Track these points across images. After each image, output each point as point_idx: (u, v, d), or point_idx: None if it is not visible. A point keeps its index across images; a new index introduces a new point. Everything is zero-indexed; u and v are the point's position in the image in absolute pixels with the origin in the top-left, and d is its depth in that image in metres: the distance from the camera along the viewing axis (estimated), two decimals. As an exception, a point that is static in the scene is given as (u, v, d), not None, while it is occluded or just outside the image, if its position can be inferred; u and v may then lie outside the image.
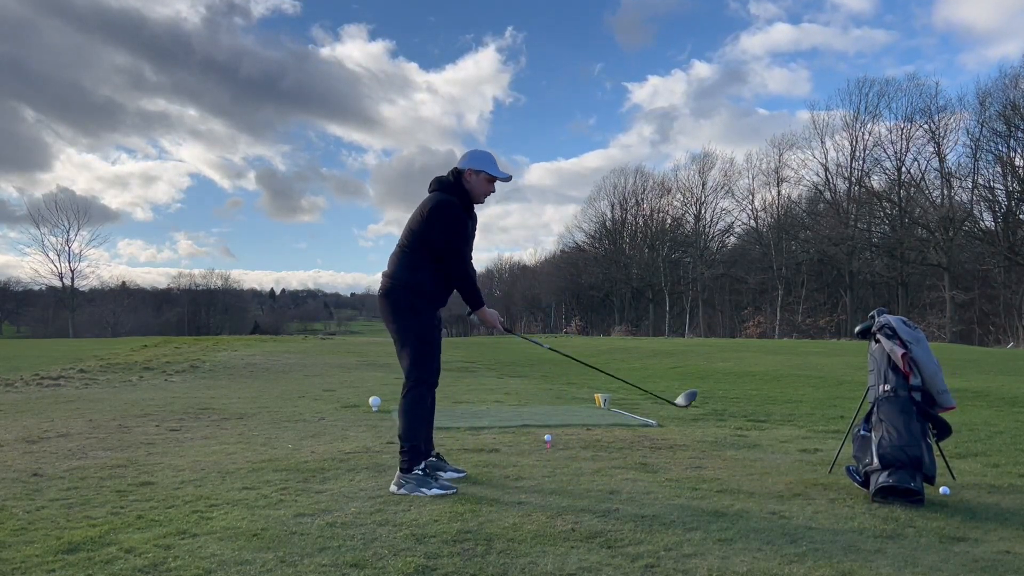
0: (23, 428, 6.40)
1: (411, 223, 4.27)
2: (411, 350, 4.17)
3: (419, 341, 4.19)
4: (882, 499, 3.82)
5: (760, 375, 13.08)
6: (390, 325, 4.25)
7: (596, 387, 10.66)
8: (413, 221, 4.26)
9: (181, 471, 4.55)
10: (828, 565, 2.82)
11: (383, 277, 4.33)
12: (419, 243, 4.21)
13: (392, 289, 4.23)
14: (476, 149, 4.40)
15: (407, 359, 4.17)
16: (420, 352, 4.17)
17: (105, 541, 3.06)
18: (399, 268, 4.24)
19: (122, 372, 13.02)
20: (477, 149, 4.40)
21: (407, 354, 4.18)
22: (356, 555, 2.90)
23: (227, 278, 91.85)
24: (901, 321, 4.41)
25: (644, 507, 3.68)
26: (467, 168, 4.29)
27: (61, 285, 61.77)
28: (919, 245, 44.70)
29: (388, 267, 4.32)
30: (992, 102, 41.34)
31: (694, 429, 6.55)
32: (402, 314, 4.19)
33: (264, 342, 26.23)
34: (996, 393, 9.63)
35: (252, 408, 7.95)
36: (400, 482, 4.01)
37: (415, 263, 4.21)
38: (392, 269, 4.28)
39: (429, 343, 4.22)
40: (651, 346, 24.24)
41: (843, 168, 50.88)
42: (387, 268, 4.32)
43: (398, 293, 4.21)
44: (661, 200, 62.78)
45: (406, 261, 4.24)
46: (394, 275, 4.25)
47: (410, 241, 4.25)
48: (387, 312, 4.24)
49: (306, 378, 12.35)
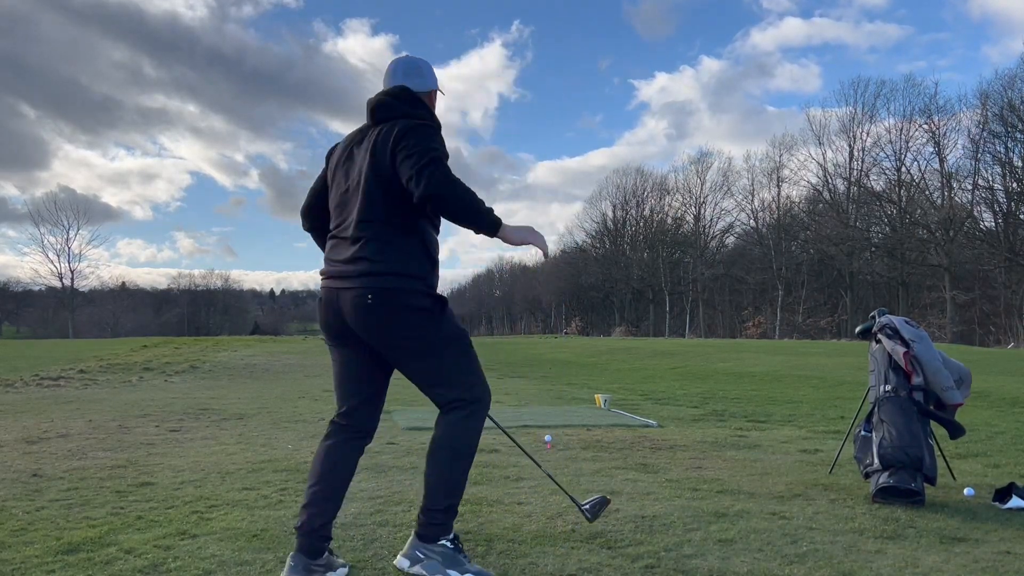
0: (23, 428, 6.40)
1: (377, 171, 2.62)
2: (438, 361, 2.71)
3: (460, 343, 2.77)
4: (883, 499, 3.81)
5: (760, 375, 13.08)
6: (401, 343, 2.67)
7: (596, 387, 10.66)
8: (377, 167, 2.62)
9: (181, 472, 4.54)
10: (829, 566, 2.82)
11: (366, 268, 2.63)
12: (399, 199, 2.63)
13: (385, 291, 2.65)
14: (408, 57, 2.91)
15: (445, 372, 2.72)
16: (470, 357, 2.78)
17: (105, 542, 3.05)
18: (388, 251, 2.65)
19: (122, 372, 13.02)
20: (409, 56, 2.91)
21: (437, 370, 2.71)
22: (356, 555, 2.89)
23: (227, 278, 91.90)
24: (904, 321, 4.40)
25: (644, 507, 3.68)
26: (433, 89, 2.89)
27: (61, 285, 61.84)
28: (919, 245, 44.70)
29: (359, 251, 2.64)
30: (992, 102, 41.39)
31: (694, 430, 6.55)
32: (422, 322, 2.68)
33: (264, 342, 26.23)
34: (997, 393, 9.63)
35: (252, 409, 7.94)
36: (416, 555, 2.70)
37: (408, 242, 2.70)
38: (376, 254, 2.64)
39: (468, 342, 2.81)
40: (651, 346, 24.24)
41: (841, 168, 50.96)
42: (357, 252, 2.64)
43: (400, 292, 2.67)
44: (661, 200, 62.88)
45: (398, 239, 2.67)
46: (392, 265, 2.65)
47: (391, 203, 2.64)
48: (389, 326, 2.65)
49: (306, 378, 12.35)
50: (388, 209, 2.62)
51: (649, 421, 7.00)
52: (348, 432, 2.82)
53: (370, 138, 2.69)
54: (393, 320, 2.61)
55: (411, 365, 2.70)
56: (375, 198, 2.63)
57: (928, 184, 46.81)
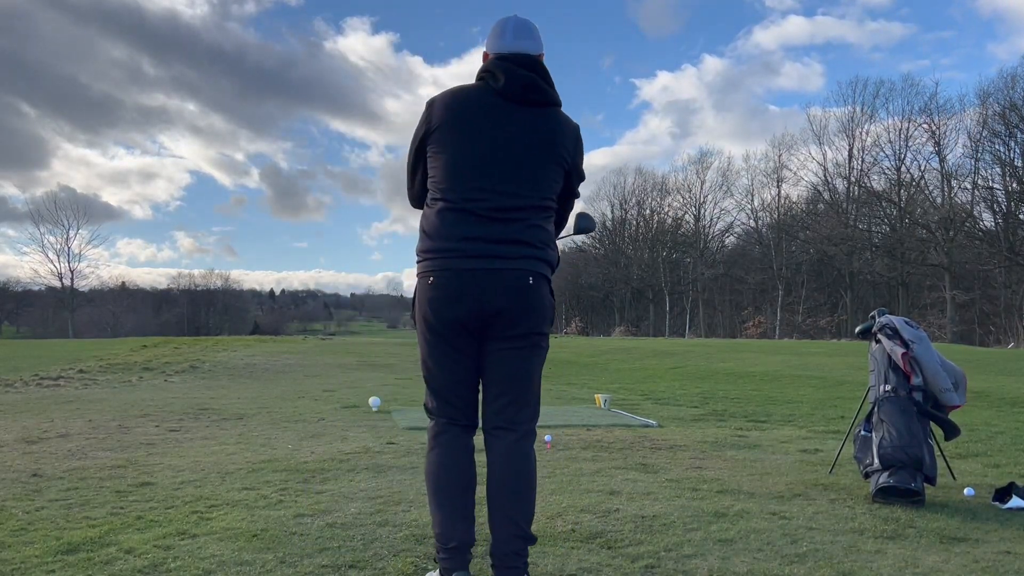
0: (23, 428, 6.40)
1: (549, 154, 2.51)
2: (539, 377, 2.59)
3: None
4: (883, 499, 3.81)
5: (760, 375, 13.08)
6: (536, 329, 2.51)
7: (596, 387, 10.66)
8: (554, 152, 2.52)
9: (181, 471, 4.54)
10: (829, 566, 2.82)
11: (517, 250, 2.46)
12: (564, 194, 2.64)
13: (543, 277, 2.53)
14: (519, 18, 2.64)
15: (535, 390, 2.56)
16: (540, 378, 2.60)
17: (105, 542, 3.05)
18: (545, 236, 2.55)
19: (122, 372, 13.02)
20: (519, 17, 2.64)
21: (536, 383, 2.56)
22: (356, 556, 2.89)
23: (227, 278, 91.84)
24: (904, 321, 4.40)
25: (644, 507, 3.68)
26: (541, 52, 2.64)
27: (61, 285, 61.77)
28: (919, 245, 44.70)
29: (512, 235, 2.45)
30: (993, 101, 41.38)
31: (694, 430, 6.55)
32: (549, 318, 2.55)
33: (264, 342, 26.22)
34: (996, 393, 9.63)
35: (252, 408, 7.94)
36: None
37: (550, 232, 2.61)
38: (533, 238, 2.50)
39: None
40: (651, 346, 24.23)
41: (841, 168, 50.96)
42: (511, 236, 2.45)
43: (548, 283, 2.57)
44: (661, 200, 62.86)
45: (549, 227, 2.59)
46: (545, 251, 2.55)
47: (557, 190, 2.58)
48: (538, 315, 2.51)
49: (306, 378, 12.35)
50: (548, 197, 2.53)
51: (649, 421, 7.00)
52: (469, 430, 2.57)
53: (538, 120, 2.51)
54: (544, 306, 2.50)
55: (532, 362, 2.51)
56: (546, 181, 2.50)
57: (928, 184, 46.86)
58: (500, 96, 2.48)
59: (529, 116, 2.50)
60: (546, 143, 2.49)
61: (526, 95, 2.49)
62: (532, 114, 2.50)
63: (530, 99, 2.50)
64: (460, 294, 2.41)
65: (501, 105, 2.49)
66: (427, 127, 2.52)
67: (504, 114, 2.48)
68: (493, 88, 2.49)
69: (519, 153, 2.46)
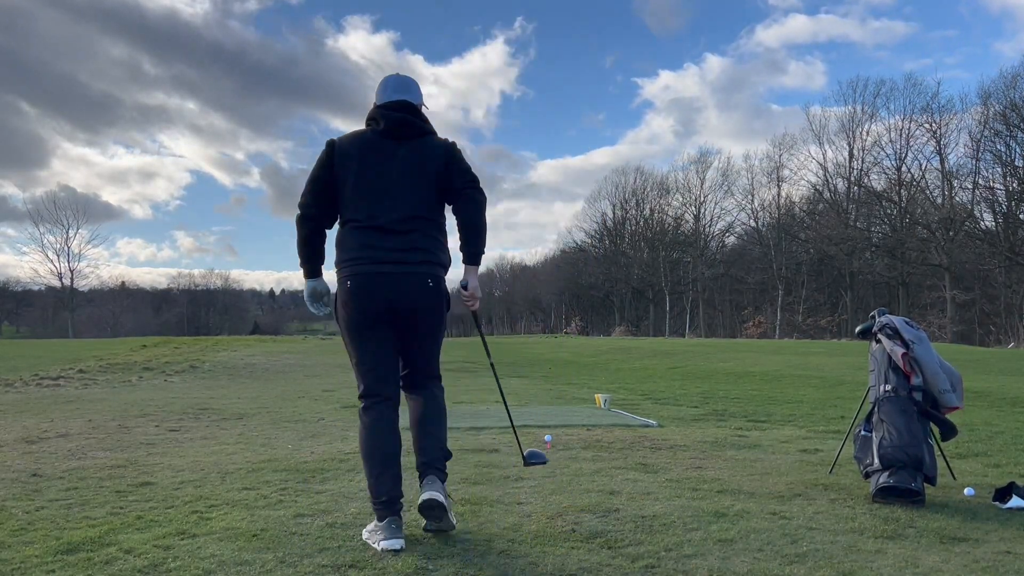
0: (23, 428, 6.40)
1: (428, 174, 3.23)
2: (440, 347, 3.47)
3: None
4: (883, 499, 3.81)
5: (760, 375, 13.08)
6: (438, 324, 3.34)
7: (596, 387, 10.66)
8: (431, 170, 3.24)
9: (181, 471, 4.54)
10: (829, 566, 2.82)
11: (417, 257, 3.19)
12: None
13: (441, 279, 3.30)
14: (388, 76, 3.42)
15: (438, 354, 3.44)
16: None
17: (105, 541, 3.05)
18: (436, 244, 3.29)
19: (122, 372, 13.03)
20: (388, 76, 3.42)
21: (439, 353, 3.46)
22: (356, 555, 2.89)
23: (227, 278, 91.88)
24: (904, 321, 4.40)
25: (644, 507, 3.67)
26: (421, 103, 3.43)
27: (60, 285, 61.78)
28: (920, 245, 44.70)
29: (411, 244, 3.17)
30: (995, 100, 41.35)
31: (694, 429, 6.54)
32: (447, 307, 3.36)
33: (264, 342, 26.22)
34: (997, 393, 9.63)
35: (252, 408, 7.94)
36: (445, 493, 3.21)
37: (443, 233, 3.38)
38: (428, 245, 3.23)
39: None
40: (651, 346, 24.24)
41: (842, 168, 50.96)
42: (409, 244, 3.17)
43: (443, 280, 3.33)
44: (661, 200, 62.84)
45: (439, 235, 3.33)
46: (439, 256, 3.29)
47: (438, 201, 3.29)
48: (439, 308, 3.28)
49: (306, 378, 12.35)
50: (432, 209, 3.23)
51: (649, 421, 7.00)
52: (390, 404, 3.25)
53: (413, 151, 3.23)
54: (440, 303, 3.24)
55: (437, 340, 3.37)
56: (425, 198, 3.21)
57: (929, 183, 46.86)
58: (382, 136, 3.25)
59: (406, 149, 3.24)
60: (420, 167, 3.22)
61: (401, 132, 3.26)
62: (409, 147, 3.25)
63: (404, 135, 3.26)
64: (374, 291, 3.13)
65: (384, 143, 3.24)
66: (330, 162, 3.23)
67: (389, 149, 3.23)
68: (376, 130, 3.27)
69: (402, 178, 3.20)
